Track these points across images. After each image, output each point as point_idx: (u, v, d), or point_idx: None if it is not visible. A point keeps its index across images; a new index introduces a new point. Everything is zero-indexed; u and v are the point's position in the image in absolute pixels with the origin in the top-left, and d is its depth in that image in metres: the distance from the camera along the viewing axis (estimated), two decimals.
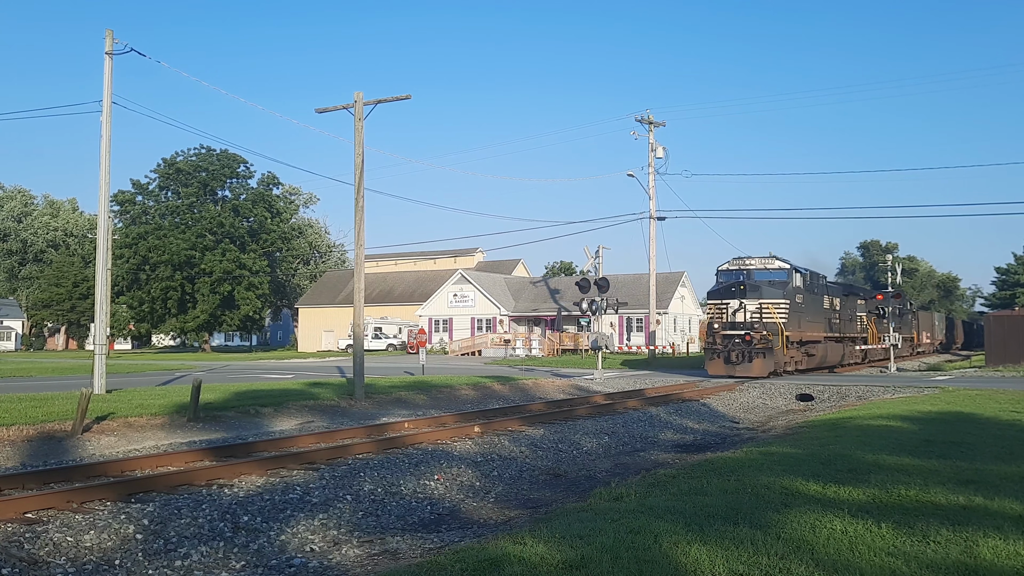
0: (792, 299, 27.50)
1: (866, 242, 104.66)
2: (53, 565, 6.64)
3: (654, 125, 37.58)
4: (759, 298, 26.74)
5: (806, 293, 29.32)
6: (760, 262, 28.30)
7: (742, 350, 26.37)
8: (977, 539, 5.86)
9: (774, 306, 26.58)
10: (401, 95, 21.21)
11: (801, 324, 28.53)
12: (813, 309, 30.21)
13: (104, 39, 19.38)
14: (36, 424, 13.17)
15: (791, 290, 27.74)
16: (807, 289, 29.68)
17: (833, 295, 33.93)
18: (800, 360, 29.12)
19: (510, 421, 14.96)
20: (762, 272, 27.98)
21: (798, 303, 28.18)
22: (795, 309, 27.78)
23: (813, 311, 30.15)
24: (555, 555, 5.63)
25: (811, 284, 30.45)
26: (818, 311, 30.91)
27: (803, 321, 28.75)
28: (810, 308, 29.74)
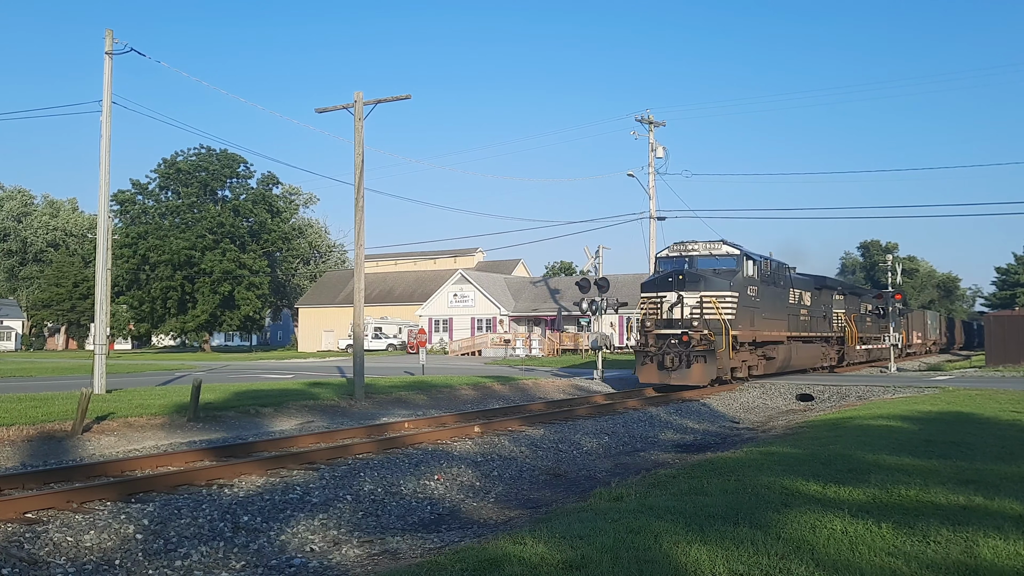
0: (742, 291, 23.19)
1: (866, 242, 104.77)
2: (53, 565, 6.64)
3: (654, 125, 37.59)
4: (700, 290, 22.36)
5: (763, 285, 25.08)
6: (705, 247, 23.80)
7: (678, 353, 21.84)
8: (977, 539, 5.86)
9: (718, 299, 22.08)
10: (401, 95, 21.22)
11: (756, 322, 24.21)
12: (773, 304, 25.94)
13: (104, 39, 19.38)
14: (36, 424, 13.17)
15: (741, 280, 23.31)
16: (765, 280, 25.43)
17: (802, 288, 29.86)
18: (756, 364, 25.01)
19: (510, 421, 14.96)
20: (707, 259, 23.62)
21: (751, 296, 23.87)
22: (747, 303, 23.49)
23: (773, 306, 25.90)
24: (555, 555, 5.63)
25: (770, 275, 26.13)
26: (780, 307, 26.73)
27: (759, 318, 24.47)
28: (769, 303, 25.45)
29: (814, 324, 30.55)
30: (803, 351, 28.98)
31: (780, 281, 27.04)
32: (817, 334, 30.83)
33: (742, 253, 23.75)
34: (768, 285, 25.64)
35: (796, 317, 28.45)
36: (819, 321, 31.30)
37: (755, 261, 24.73)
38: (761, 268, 25.26)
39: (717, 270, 23.17)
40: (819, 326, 31.21)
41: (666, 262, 24.24)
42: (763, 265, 25.59)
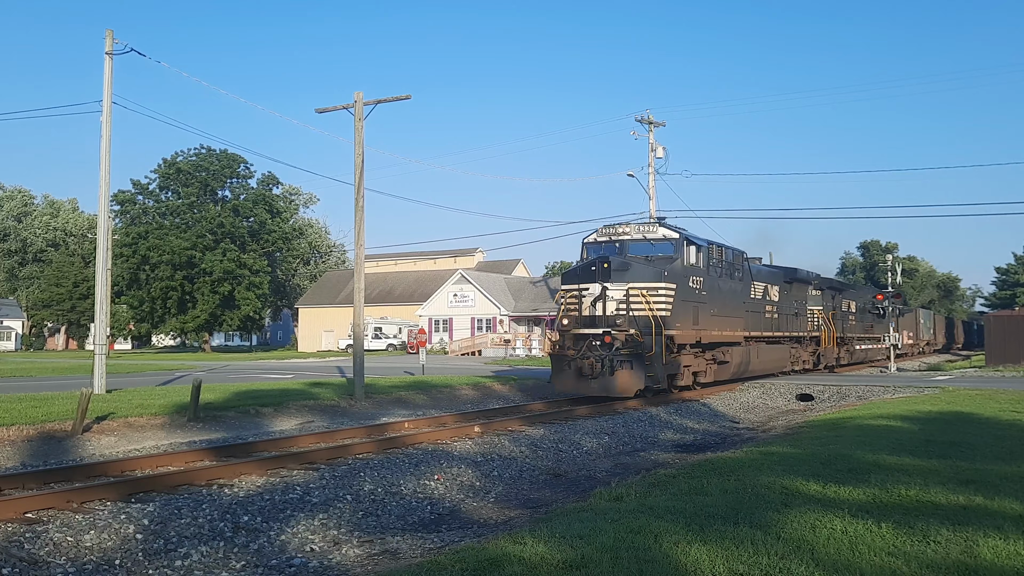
0: (682, 282, 19.47)
1: (866, 242, 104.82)
2: (53, 565, 6.64)
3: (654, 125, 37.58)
4: (628, 281, 18.46)
5: (710, 276, 21.33)
6: (638, 230, 20.17)
7: (600, 357, 18.04)
8: (977, 539, 5.86)
9: (648, 292, 18.25)
10: (401, 95, 21.23)
11: (702, 319, 20.51)
12: (726, 299, 22.29)
13: (104, 39, 19.38)
14: (36, 424, 13.17)
15: (680, 270, 19.51)
16: (715, 270, 21.72)
17: (767, 282, 26.20)
18: (703, 369, 21.25)
19: (510, 421, 14.96)
20: (639, 244, 19.91)
21: (693, 289, 20.12)
22: (688, 297, 19.78)
23: (726, 302, 22.25)
24: (555, 555, 5.63)
25: (723, 264, 22.43)
26: (735, 302, 23.07)
27: (706, 315, 20.78)
28: (720, 297, 21.84)
29: (783, 322, 27.14)
30: (767, 354, 25.37)
31: (737, 272, 23.45)
32: (786, 333, 27.49)
33: (682, 237, 19.97)
34: (720, 276, 22.03)
35: (759, 314, 24.99)
36: (789, 319, 27.94)
37: (700, 247, 20.79)
38: (709, 256, 21.45)
39: (651, 257, 19.40)
40: (789, 324, 27.86)
41: (593, 248, 20.31)
42: (712, 252, 21.74)
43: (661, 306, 18.50)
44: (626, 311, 18.31)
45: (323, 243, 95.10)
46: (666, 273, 18.82)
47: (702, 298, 20.64)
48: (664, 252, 19.67)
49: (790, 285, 28.44)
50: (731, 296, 22.80)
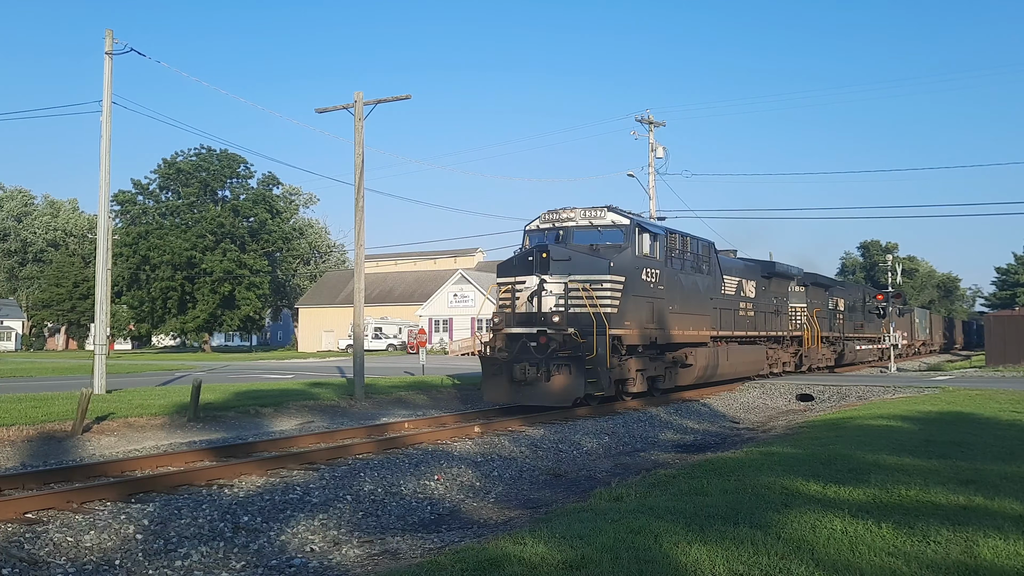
0: (634, 275, 17.22)
1: (866, 242, 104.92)
2: (53, 565, 6.64)
3: (654, 125, 37.57)
4: (569, 273, 16.21)
5: (670, 268, 19.06)
6: (584, 215, 17.64)
7: (535, 361, 15.88)
8: (977, 539, 5.86)
9: (592, 286, 16.07)
10: (401, 95, 21.25)
11: (658, 317, 18.32)
12: (689, 295, 20.06)
13: (104, 39, 19.38)
14: (36, 424, 13.17)
15: (631, 261, 17.17)
16: (674, 262, 19.42)
17: (741, 276, 23.91)
18: (661, 374, 18.96)
19: (510, 421, 14.95)
20: (585, 232, 17.52)
21: (647, 283, 17.85)
22: (640, 292, 17.47)
23: (689, 298, 20.04)
24: (555, 555, 5.63)
25: (684, 256, 20.20)
26: (701, 298, 20.83)
27: (663, 312, 18.52)
28: (682, 293, 19.60)
29: (760, 321, 24.98)
30: (739, 355, 23.15)
31: (703, 265, 21.21)
32: (763, 333, 25.31)
33: (633, 223, 17.57)
34: (681, 269, 19.87)
35: (732, 312, 22.88)
36: (768, 317, 25.80)
37: (656, 236, 18.41)
38: (667, 246, 19.06)
39: (596, 246, 17.14)
40: (768, 323, 25.72)
41: (535, 236, 17.92)
42: (672, 242, 19.49)
43: (606, 302, 16.17)
44: (564, 308, 16.02)
45: (323, 243, 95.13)
46: (612, 264, 16.43)
47: (659, 293, 18.35)
48: (613, 240, 17.24)
49: (768, 280, 26.39)
50: (696, 291, 20.58)
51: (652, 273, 18.11)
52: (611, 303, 16.34)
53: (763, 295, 25.70)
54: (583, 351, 15.67)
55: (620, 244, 17.21)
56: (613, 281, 16.48)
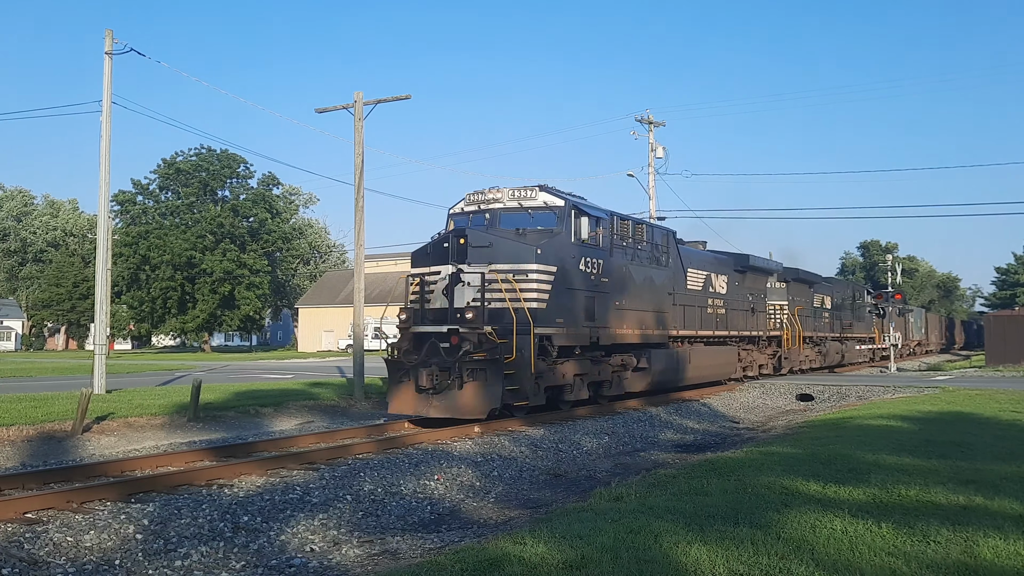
0: (569, 265, 14.98)
1: (866, 242, 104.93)
2: (53, 565, 6.64)
3: (654, 125, 37.57)
4: (489, 261, 13.98)
5: (617, 258, 16.76)
6: (512, 196, 15.33)
7: (445, 365, 13.54)
8: (977, 539, 5.86)
9: (516, 277, 13.85)
10: (401, 95, 21.26)
11: (601, 313, 16.01)
12: (642, 289, 17.78)
13: (104, 39, 19.38)
14: (36, 424, 13.18)
15: (564, 247, 14.92)
16: (622, 252, 17.08)
17: (709, 270, 21.94)
18: (606, 378, 16.84)
19: (510, 421, 14.94)
20: (514, 215, 15.26)
21: (587, 274, 15.54)
22: (579, 284, 15.28)
23: (642, 292, 17.76)
24: (555, 555, 5.63)
25: (636, 244, 17.77)
26: (658, 293, 18.55)
27: (606, 308, 16.26)
28: (632, 286, 17.31)
29: (732, 319, 22.94)
30: (707, 357, 21.09)
31: (661, 257, 19.04)
32: (735, 333, 23.23)
33: (569, 205, 15.27)
34: (631, 260, 17.50)
35: (698, 309, 20.87)
36: (742, 315, 23.72)
37: (597, 220, 16.12)
38: (611, 231, 16.71)
39: (523, 231, 14.85)
40: (741, 322, 23.62)
41: (460, 220, 15.74)
42: (619, 228, 17.16)
43: (532, 295, 13.98)
44: (481, 302, 13.66)
45: (323, 243, 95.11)
46: (539, 251, 14.18)
47: (602, 286, 16.05)
48: (544, 224, 14.99)
49: (743, 275, 24.21)
50: (651, 285, 18.31)
51: (593, 263, 15.79)
52: (538, 296, 14.14)
53: (736, 291, 23.70)
54: (501, 353, 13.32)
55: (551, 229, 14.88)
56: (541, 271, 14.22)
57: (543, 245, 14.41)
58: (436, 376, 13.52)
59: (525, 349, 13.67)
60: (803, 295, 29.95)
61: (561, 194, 15.54)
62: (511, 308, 13.61)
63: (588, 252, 15.66)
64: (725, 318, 22.62)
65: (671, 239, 19.96)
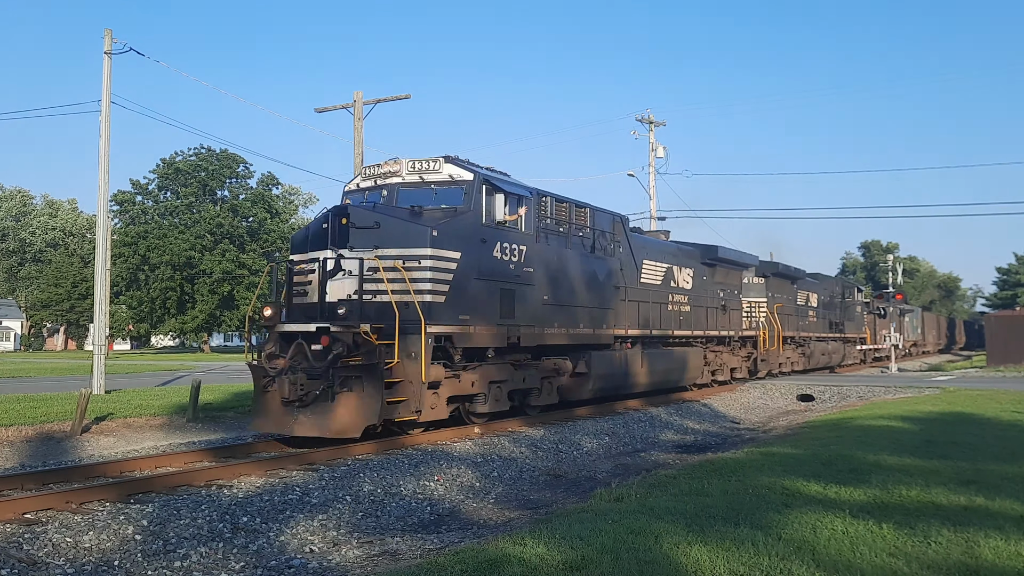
0: (478, 250, 12.75)
1: (867, 242, 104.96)
2: (52, 566, 6.62)
3: (654, 124, 37.57)
4: (375, 246, 11.82)
5: (544, 244, 14.53)
6: (412, 168, 13.18)
7: (312, 372, 11.14)
8: (978, 539, 5.84)
9: (407, 264, 11.77)
10: (401, 95, 21.28)
11: (522, 309, 13.72)
12: (575, 282, 15.38)
13: (104, 39, 19.38)
14: (35, 424, 13.16)
15: (472, 230, 12.75)
16: (552, 237, 14.92)
17: (669, 262, 19.76)
18: (533, 386, 14.57)
19: (510, 421, 14.92)
20: (416, 191, 13.05)
21: (503, 262, 13.28)
22: (491, 274, 13.03)
23: (575, 285, 15.37)
24: (555, 556, 5.62)
25: (569, 229, 15.51)
26: (597, 287, 16.16)
27: (529, 303, 13.92)
28: (562, 278, 14.92)
29: (698, 317, 20.86)
30: (663, 360, 18.91)
31: (607, 245, 16.78)
32: (701, 332, 21.09)
33: (480, 179, 12.96)
34: (565, 247, 15.18)
35: (654, 305, 18.59)
36: (711, 313, 21.65)
37: (518, 198, 13.72)
38: (539, 213, 14.51)
39: (420, 209, 12.58)
40: (710, 320, 21.54)
41: (356, 198, 13.62)
42: (547, 209, 14.90)
43: (425, 286, 11.77)
44: (359, 294, 11.46)
45: None
46: (436, 233, 11.93)
47: (524, 277, 13.75)
48: (452, 203, 12.85)
49: (712, 269, 22.16)
50: (592, 278, 15.98)
51: (512, 249, 13.47)
52: (434, 288, 11.89)
53: (705, 286, 21.53)
54: (381, 357, 11.06)
55: (458, 208, 12.73)
56: (439, 257, 11.97)
57: (442, 226, 12.23)
58: (301, 385, 11.02)
59: (415, 351, 11.48)
60: (784, 292, 28.08)
61: (472, 166, 13.33)
62: (397, 302, 11.43)
63: (506, 236, 13.36)
64: (690, 316, 20.57)
65: (621, 226, 17.67)
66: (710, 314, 21.67)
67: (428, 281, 11.94)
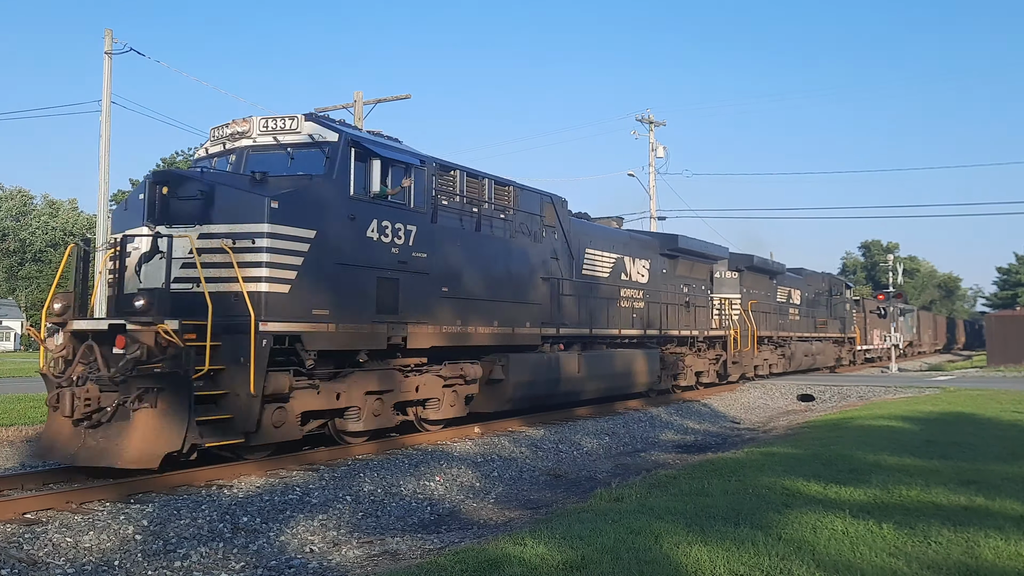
0: (340, 230, 10.42)
1: (867, 242, 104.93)
2: (52, 566, 6.62)
3: (655, 124, 37.56)
4: (200, 221, 9.67)
5: (445, 224, 12.22)
6: (266, 127, 10.86)
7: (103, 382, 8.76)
8: (978, 539, 5.85)
9: (238, 245, 9.50)
10: (401, 95, 21.28)
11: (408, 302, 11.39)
12: (488, 271, 13.14)
13: (104, 39, 19.39)
14: (35, 424, 13.14)
15: (331, 201, 10.37)
16: (449, 215, 12.41)
17: (620, 252, 17.71)
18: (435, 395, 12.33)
19: (510, 421, 14.92)
20: (270, 156, 10.78)
21: (380, 244, 10.96)
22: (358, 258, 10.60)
23: (489, 275, 13.13)
24: (555, 556, 5.62)
25: (479, 208, 13.05)
26: (520, 278, 13.91)
27: (419, 296, 11.62)
28: (468, 265, 12.66)
29: (656, 315, 18.82)
30: (607, 364, 16.54)
31: (537, 230, 14.46)
32: (653, 332, 18.62)
33: (346, 140, 10.60)
34: (473, 229, 12.83)
35: (600, 301, 16.46)
36: (672, 310, 19.60)
37: (402, 166, 11.32)
38: (434, 186, 12.00)
39: (262, 176, 9.99)
40: (669, 318, 19.40)
41: (205, 165, 11.32)
42: (439, 180, 12.24)
43: (261, 271, 9.49)
44: (166, 282, 9.05)
45: None
46: (276, 205, 9.56)
47: (415, 264, 11.37)
48: (312, 170, 10.36)
49: (673, 261, 20.24)
50: (510, 267, 13.66)
51: (396, 230, 11.08)
52: (272, 274, 9.53)
53: (665, 280, 19.59)
54: (189, 363, 8.84)
55: (316, 176, 10.26)
56: (281, 235, 9.57)
57: (288, 196, 9.73)
58: (88, 400, 8.72)
59: (242, 356, 9.13)
60: (761, 287, 25.90)
61: (339, 126, 11.00)
62: (222, 292, 9.30)
63: (387, 213, 10.94)
64: (645, 313, 18.39)
65: (554, 209, 15.18)
66: (671, 311, 19.70)
67: (264, 266, 9.51)
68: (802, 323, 30.12)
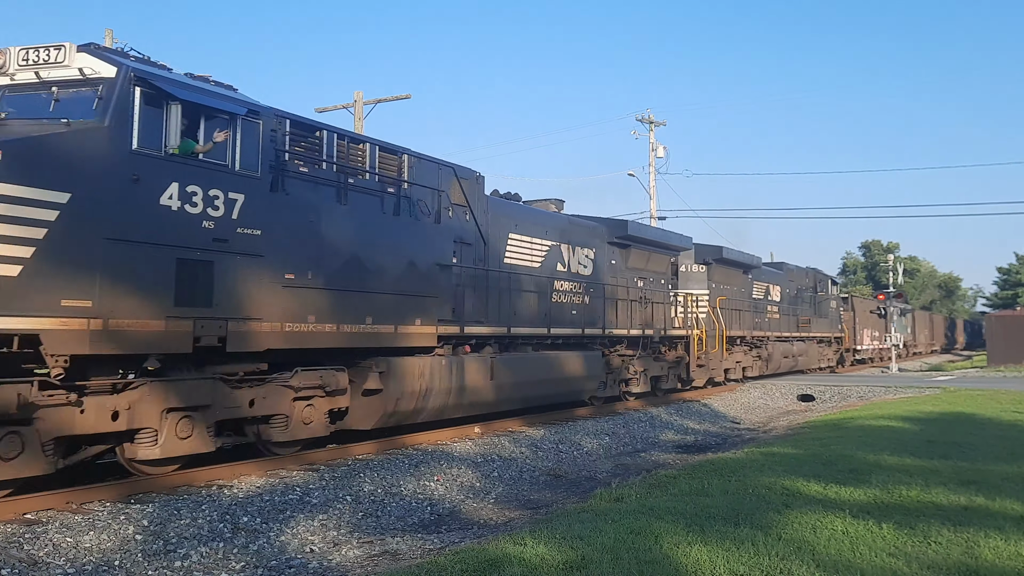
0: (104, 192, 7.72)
1: (867, 242, 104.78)
2: (53, 566, 6.63)
3: (655, 124, 37.56)
4: None
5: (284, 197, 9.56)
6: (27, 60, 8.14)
7: None
8: (978, 540, 5.85)
9: None
10: (401, 95, 21.29)
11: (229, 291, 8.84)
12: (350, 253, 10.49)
13: (104, 39, 19.40)
14: None
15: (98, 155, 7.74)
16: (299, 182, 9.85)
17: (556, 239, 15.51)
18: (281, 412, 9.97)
19: (510, 421, 14.92)
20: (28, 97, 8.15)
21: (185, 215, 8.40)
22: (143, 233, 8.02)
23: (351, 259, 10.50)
24: (556, 556, 5.62)
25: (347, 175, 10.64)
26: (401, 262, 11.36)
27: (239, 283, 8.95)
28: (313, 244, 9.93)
29: (600, 312, 16.50)
30: (531, 370, 14.22)
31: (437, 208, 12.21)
32: (594, 331, 16.32)
33: (127, 75, 8.11)
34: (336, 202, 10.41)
35: (526, 294, 14.35)
36: (623, 307, 17.42)
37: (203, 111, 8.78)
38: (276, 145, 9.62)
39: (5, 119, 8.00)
40: (618, 317, 17.23)
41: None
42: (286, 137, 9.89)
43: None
44: None
45: None
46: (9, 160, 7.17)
47: (240, 242, 8.97)
48: (82, 115, 8.00)
49: (625, 251, 17.98)
50: (393, 251, 11.25)
51: (211, 198, 8.72)
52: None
53: (614, 273, 17.40)
54: None
55: (84, 123, 7.91)
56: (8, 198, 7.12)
57: (22, 144, 7.39)
58: None
59: None
60: (734, 282, 23.43)
61: (123, 59, 8.44)
62: None
63: (196, 176, 8.58)
64: (588, 310, 16.16)
65: (467, 185, 13.01)
66: (621, 308, 17.27)
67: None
68: (782, 322, 27.59)
